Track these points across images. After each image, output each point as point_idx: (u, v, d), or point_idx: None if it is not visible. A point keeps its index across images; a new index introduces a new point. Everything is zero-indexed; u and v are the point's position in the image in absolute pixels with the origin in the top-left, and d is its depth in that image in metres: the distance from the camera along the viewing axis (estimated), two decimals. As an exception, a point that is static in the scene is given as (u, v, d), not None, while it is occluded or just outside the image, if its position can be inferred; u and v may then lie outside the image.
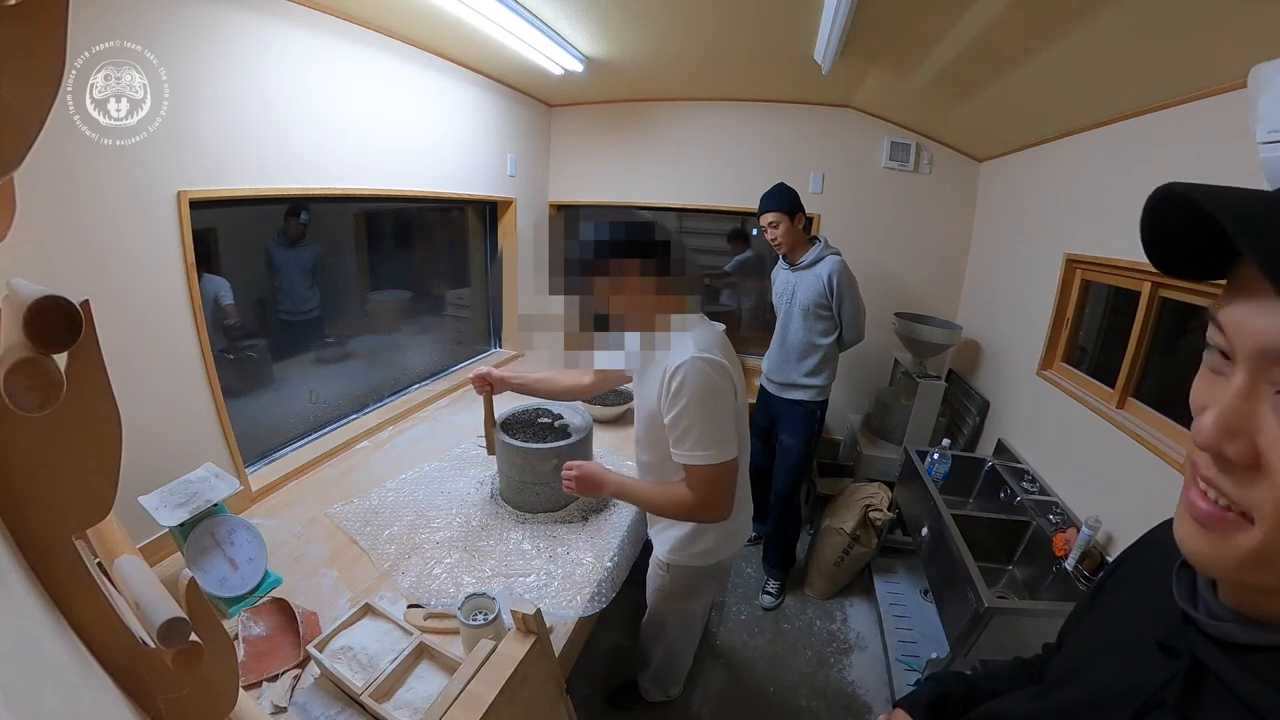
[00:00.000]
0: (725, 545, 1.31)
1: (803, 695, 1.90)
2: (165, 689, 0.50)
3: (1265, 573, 0.32)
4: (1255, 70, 1.04)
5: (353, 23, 1.67)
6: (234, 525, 1.18)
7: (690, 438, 1.06)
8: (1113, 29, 1.28)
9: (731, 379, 1.09)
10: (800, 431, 2.20)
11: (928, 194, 2.75)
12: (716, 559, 1.31)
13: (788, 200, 2.05)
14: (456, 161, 2.30)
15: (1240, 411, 0.31)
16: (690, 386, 1.03)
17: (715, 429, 1.05)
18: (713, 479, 1.08)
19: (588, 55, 2.18)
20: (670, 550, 1.31)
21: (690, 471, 1.09)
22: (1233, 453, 0.31)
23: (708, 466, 1.07)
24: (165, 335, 1.28)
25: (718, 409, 1.06)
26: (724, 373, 1.07)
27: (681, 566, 1.32)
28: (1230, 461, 0.31)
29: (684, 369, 1.03)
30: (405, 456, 1.81)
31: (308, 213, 1.90)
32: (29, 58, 0.38)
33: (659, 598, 1.41)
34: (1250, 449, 0.30)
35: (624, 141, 2.99)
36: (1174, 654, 0.39)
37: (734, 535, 1.32)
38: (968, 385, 2.61)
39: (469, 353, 2.81)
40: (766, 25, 1.84)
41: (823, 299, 2.06)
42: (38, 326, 0.34)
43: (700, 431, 1.05)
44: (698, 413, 1.04)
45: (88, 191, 1.08)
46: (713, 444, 1.05)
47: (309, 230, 1.94)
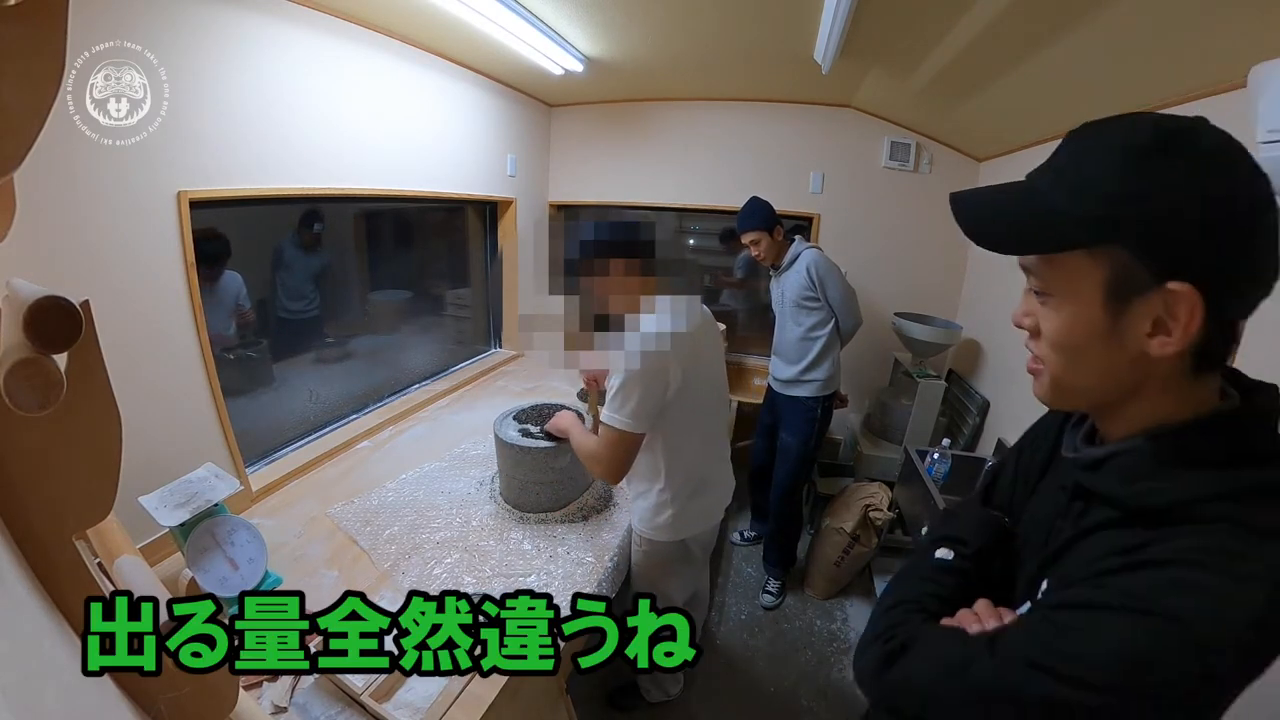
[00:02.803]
0: (687, 520, 1.35)
1: (803, 695, 1.90)
2: (165, 689, 0.50)
3: (1070, 397, 0.52)
4: (1255, 70, 1.04)
5: (353, 23, 1.67)
6: (234, 525, 1.18)
7: (615, 402, 1.16)
8: (1113, 29, 1.28)
9: (678, 361, 1.16)
10: (800, 429, 2.22)
11: (928, 194, 2.75)
12: (679, 535, 1.35)
13: (763, 217, 2.11)
14: (456, 161, 2.30)
15: (1027, 301, 0.52)
16: (629, 361, 1.14)
17: (634, 403, 1.14)
18: (614, 442, 1.19)
19: (588, 55, 2.18)
20: (639, 521, 1.38)
21: (602, 429, 1.21)
22: (1028, 325, 0.52)
23: (613, 430, 1.17)
24: (165, 335, 1.28)
25: (646, 387, 1.15)
26: (665, 358, 1.15)
27: (651, 540, 1.37)
28: (1028, 332, 0.52)
29: (632, 347, 1.14)
30: (405, 456, 1.81)
31: (322, 224, 1.93)
32: (29, 58, 0.38)
33: (636, 574, 1.45)
34: (1035, 321, 0.51)
35: (624, 141, 2.99)
36: (1065, 488, 0.56)
37: (698, 513, 1.37)
38: (968, 385, 2.60)
39: (469, 353, 2.81)
40: (766, 25, 1.83)
41: (807, 289, 2.11)
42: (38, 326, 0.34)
43: (622, 399, 1.15)
44: (627, 383, 1.15)
45: (88, 191, 1.08)
46: (626, 415, 1.15)
47: (323, 240, 1.97)
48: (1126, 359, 0.45)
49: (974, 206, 0.51)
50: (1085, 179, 0.45)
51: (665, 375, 1.16)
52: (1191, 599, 0.39)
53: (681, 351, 1.17)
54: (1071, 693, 0.42)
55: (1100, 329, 0.45)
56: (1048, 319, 0.49)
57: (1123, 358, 0.45)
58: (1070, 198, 0.45)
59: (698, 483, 1.34)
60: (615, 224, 1.20)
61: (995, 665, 0.47)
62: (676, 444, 1.28)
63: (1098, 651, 0.41)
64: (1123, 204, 0.42)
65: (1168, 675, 0.39)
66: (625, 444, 1.18)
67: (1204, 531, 0.41)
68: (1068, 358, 0.48)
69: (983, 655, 0.48)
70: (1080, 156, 0.46)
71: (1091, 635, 0.42)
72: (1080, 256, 0.45)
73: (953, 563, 0.62)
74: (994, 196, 0.51)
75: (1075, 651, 0.42)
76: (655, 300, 1.19)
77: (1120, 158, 0.43)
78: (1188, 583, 0.40)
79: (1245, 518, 0.40)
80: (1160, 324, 0.43)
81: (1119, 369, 0.46)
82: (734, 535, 2.69)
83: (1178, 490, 0.44)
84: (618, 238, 1.18)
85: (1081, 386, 0.49)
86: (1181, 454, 0.45)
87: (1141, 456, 0.47)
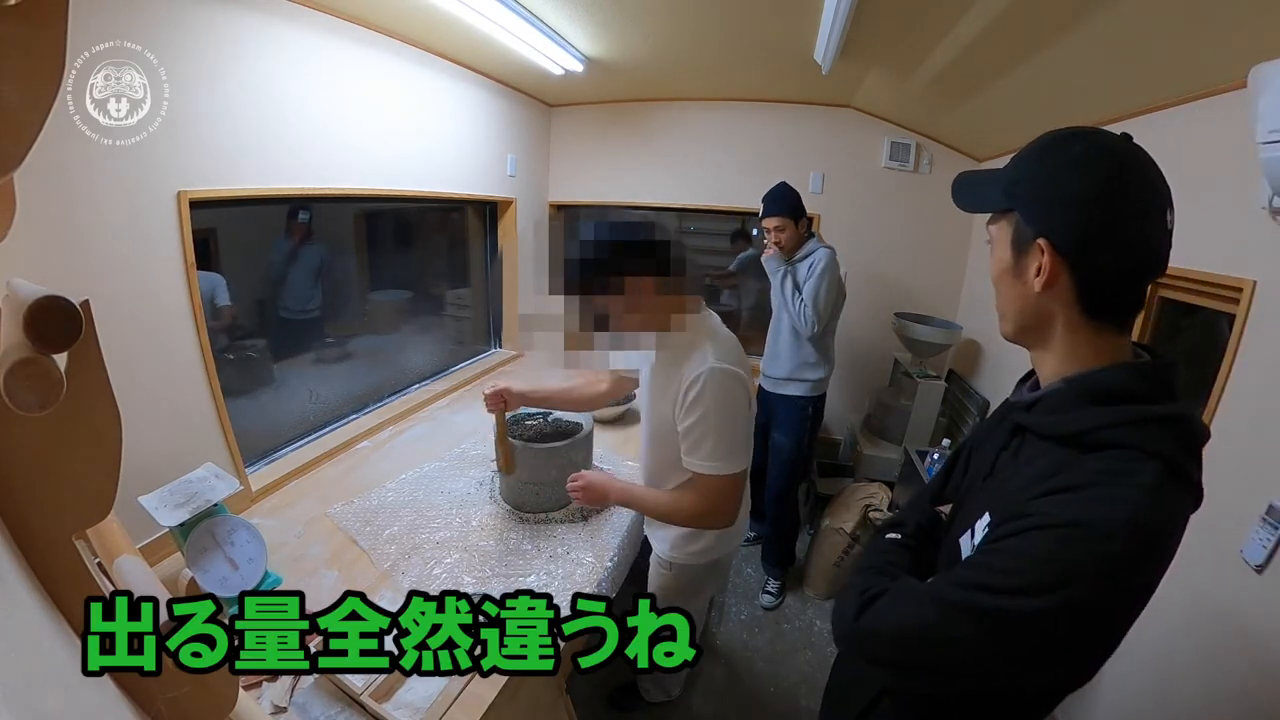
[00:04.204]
0: (724, 543, 1.31)
1: (803, 695, 1.90)
2: (165, 689, 0.50)
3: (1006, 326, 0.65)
4: (1255, 70, 1.04)
5: (353, 23, 1.67)
6: (234, 525, 1.18)
7: (704, 447, 1.07)
8: (1113, 29, 1.28)
9: (748, 390, 1.11)
10: (792, 429, 2.19)
11: (928, 194, 2.75)
12: (715, 556, 1.32)
13: (791, 205, 2.03)
14: (456, 161, 2.30)
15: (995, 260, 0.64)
16: (709, 397, 1.04)
17: (729, 441, 1.07)
18: (722, 488, 1.10)
19: (588, 55, 2.18)
20: (671, 549, 1.32)
21: (700, 479, 1.11)
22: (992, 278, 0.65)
23: (718, 476, 1.08)
24: (165, 335, 1.28)
25: (733, 421, 1.07)
26: (741, 385, 1.07)
27: (683, 565, 1.32)
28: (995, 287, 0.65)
29: (704, 378, 1.04)
30: (405, 456, 1.81)
31: (307, 212, 1.89)
32: (29, 57, 0.38)
33: (661, 596, 1.41)
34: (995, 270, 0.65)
35: (624, 141, 2.99)
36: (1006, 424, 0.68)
37: (732, 533, 1.32)
38: (968, 385, 2.61)
39: (469, 353, 2.81)
40: (766, 25, 1.83)
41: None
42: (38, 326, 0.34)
43: (715, 442, 1.06)
44: (714, 423, 1.05)
45: (88, 191, 1.08)
46: (725, 455, 1.07)
47: (313, 229, 1.93)
48: (1029, 293, 0.59)
49: (960, 183, 0.69)
50: (1012, 166, 0.62)
51: (745, 403, 1.10)
52: (1090, 509, 0.50)
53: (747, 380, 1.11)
54: (1011, 602, 0.51)
55: (1009, 266, 0.62)
56: (991, 264, 0.65)
57: (1026, 291, 0.60)
58: (1001, 178, 0.62)
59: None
60: (630, 224, 1.10)
61: (945, 596, 0.56)
62: None
63: (1026, 564, 0.51)
64: (1020, 183, 0.60)
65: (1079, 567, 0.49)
66: (734, 486, 1.10)
67: (1103, 456, 0.53)
68: (999, 290, 0.64)
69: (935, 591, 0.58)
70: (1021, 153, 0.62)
71: (1020, 552, 0.52)
72: (1001, 218, 0.63)
73: (901, 540, 0.76)
74: (973, 177, 0.68)
75: (1010, 567, 0.52)
76: (703, 322, 1.12)
77: (1029, 151, 0.60)
78: (1087, 498, 0.51)
79: (1135, 442, 0.52)
80: (1040, 269, 0.57)
81: (1026, 301, 0.61)
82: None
83: (1081, 421, 0.55)
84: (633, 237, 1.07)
85: (1008, 312, 0.64)
86: (1092, 392, 0.57)
87: (1063, 396, 0.59)
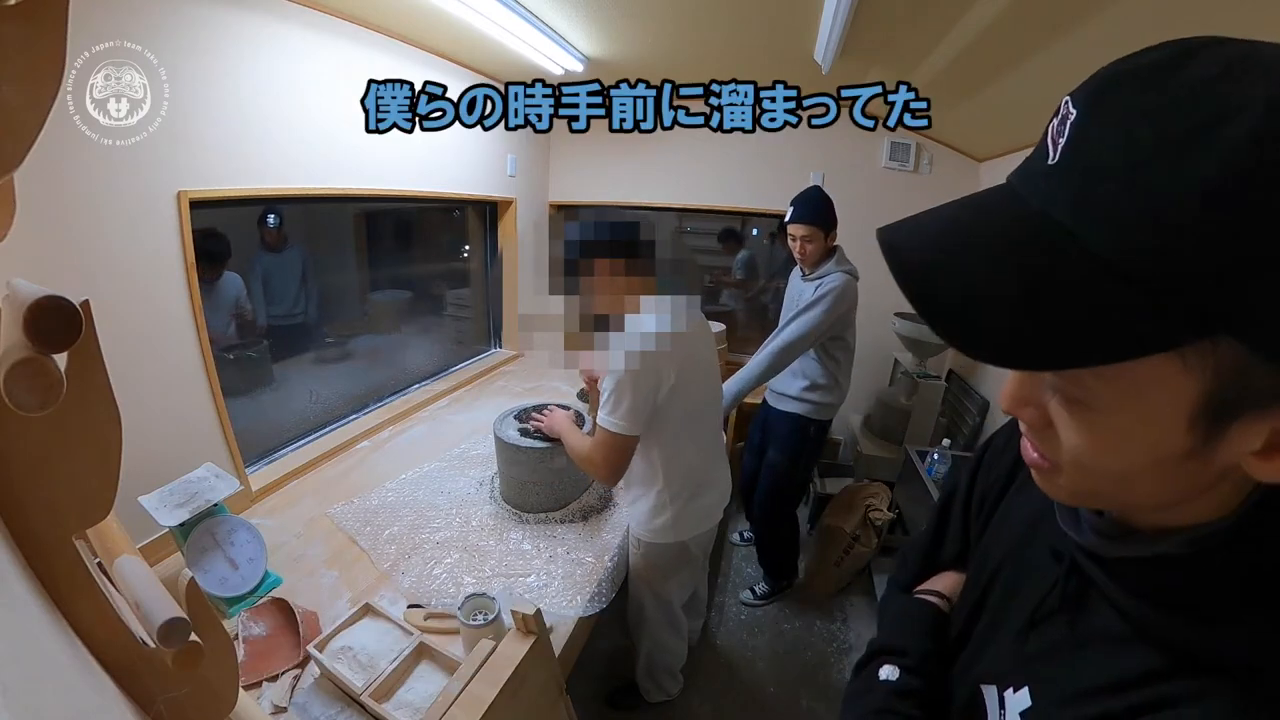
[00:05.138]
0: (687, 522, 1.34)
1: (803, 695, 1.90)
2: (165, 689, 0.50)
3: (1095, 502, 0.37)
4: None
5: (353, 22, 1.67)
6: (234, 525, 1.18)
7: (609, 404, 1.16)
8: (1113, 29, 1.28)
9: (671, 361, 1.16)
10: (787, 447, 2.03)
11: (928, 194, 2.73)
12: (677, 537, 1.35)
13: (823, 213, 1.88)
14: (456, 161, 2.30)
15: (1026, 385, 0.34)
16: (620, 361, 1.14)
17: (626, 404, 1.15)
18: (609, 444, 1.19)
19: (588, 55, 2.18)
20: (637, 524, 1.37)
21: (597, 431, 1.21)
22: (1028, 418, 0.35)
23: (608, 433, 1.17)
24: (165, 335, 1.28)
25: (637, 388, 1.15)
26: (657, 358, 1.14)
27: (650, 543, 1.36)
28: (1030, 424, 0.35)
29: (625, 347, 1.14)
30: (405, 456, 1.81)
31: (276, 215, 1.85)
32: (29, 57, 0.38)
33: (634, 576, 1.45)
34: (1043, 414, 0.34)
35: (624, 142, 2.96)
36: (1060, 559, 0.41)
37: (697, 514, 1.37)
38: (968, 385, 2.60)
39: (469, 353, 2.81)
40: (766, 25, 1.83)
41: None
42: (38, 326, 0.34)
43: (614, 400, 1.15)
44: (619, 385, 1.15)
45: (88, 191, 1.08)
46: (620, 416, 1.15)
47: (288, 233, 1.90)
48: (1206, 477, 0.30)
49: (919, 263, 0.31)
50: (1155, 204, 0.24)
51: (657, 376, 1.16)
52: None
53: (675, 352, 1.16)
54: None
55: (1175, 452, 0.29)
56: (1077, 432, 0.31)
57: (1201, 476, 0.30)
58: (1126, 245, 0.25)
59: (696, 484, 1.34)
60: (611, 223, 1.19)
61: None
62: (673, 446, 1.28)
63: None
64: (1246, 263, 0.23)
65: None
66: (620, 446, 1.18)
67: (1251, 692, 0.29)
68: (1111, 480, 0.33)
69: None
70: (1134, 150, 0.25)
71: None
72: (1154, 360, 0.26)
73: (900, 683, 0.52)
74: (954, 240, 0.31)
75: None
76: (647, 300, 1.18)
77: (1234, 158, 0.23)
78: None
79: None
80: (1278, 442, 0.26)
81: (1188, 486, 0.31)
82: (734, 535, 2.69)
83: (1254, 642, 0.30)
84: (610, 237, 1.18)
85: (1123, 501, 0.35)
86: (1234, 575, 0.31)
87: (1185, 572, 0.32)
